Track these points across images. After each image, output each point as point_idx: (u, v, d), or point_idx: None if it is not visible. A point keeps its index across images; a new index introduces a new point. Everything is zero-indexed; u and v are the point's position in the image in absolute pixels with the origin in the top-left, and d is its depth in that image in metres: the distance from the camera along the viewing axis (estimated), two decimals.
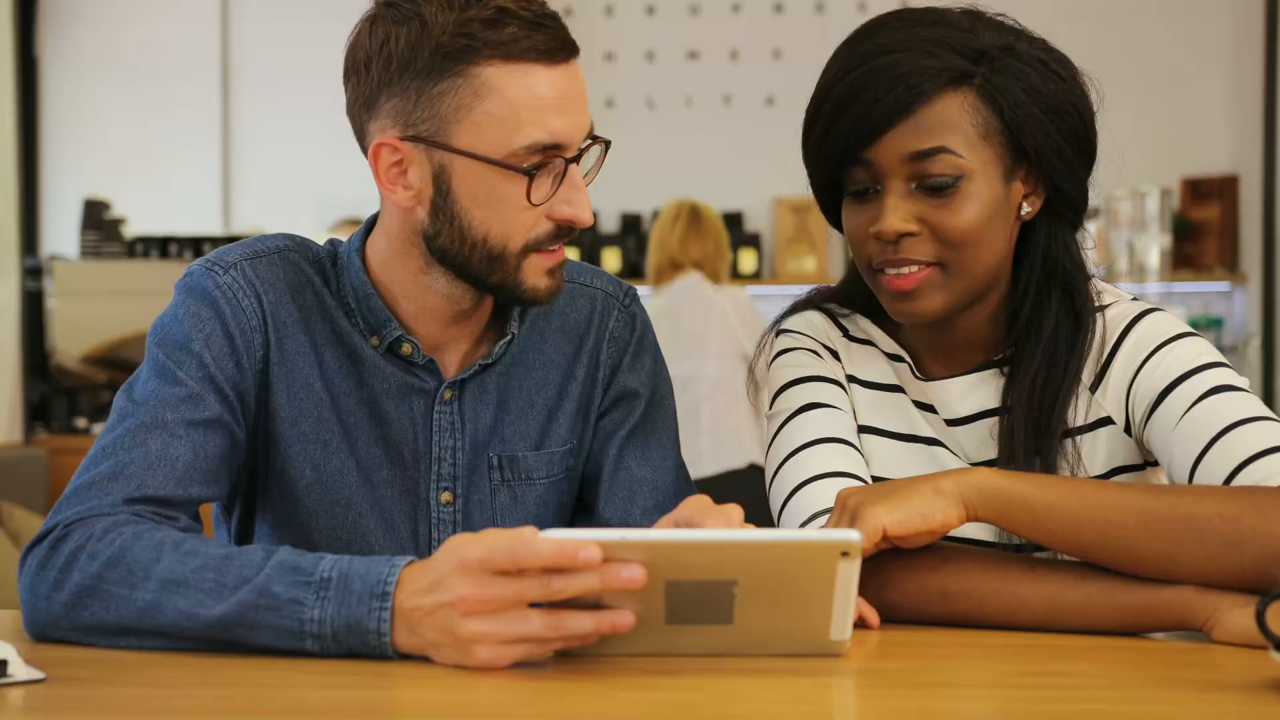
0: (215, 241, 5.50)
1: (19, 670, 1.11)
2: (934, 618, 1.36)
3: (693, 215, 4.64)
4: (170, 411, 1.39)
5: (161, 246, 5.58)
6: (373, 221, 1.53)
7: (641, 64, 6.68)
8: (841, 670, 1.17)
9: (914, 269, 1.43)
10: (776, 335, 1.62)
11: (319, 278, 1.51)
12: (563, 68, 1.39)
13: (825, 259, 6.58)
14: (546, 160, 1.39)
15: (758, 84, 6.60)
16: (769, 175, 6.52)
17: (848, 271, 1.60)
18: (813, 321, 1.61)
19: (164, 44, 6.74)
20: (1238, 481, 1.32)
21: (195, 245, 5.63)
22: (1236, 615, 1.26)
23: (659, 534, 1.13)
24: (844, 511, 1.32)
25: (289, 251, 1.51)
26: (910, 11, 1.46)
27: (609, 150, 1.45)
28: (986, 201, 1.42)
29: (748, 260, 6.45)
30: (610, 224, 6.68)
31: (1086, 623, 1.31)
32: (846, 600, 1.15)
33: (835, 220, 1.52)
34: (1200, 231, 6.49)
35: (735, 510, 1.24)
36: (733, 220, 6.42)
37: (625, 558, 1.11)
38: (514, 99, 1.36)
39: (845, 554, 1.12)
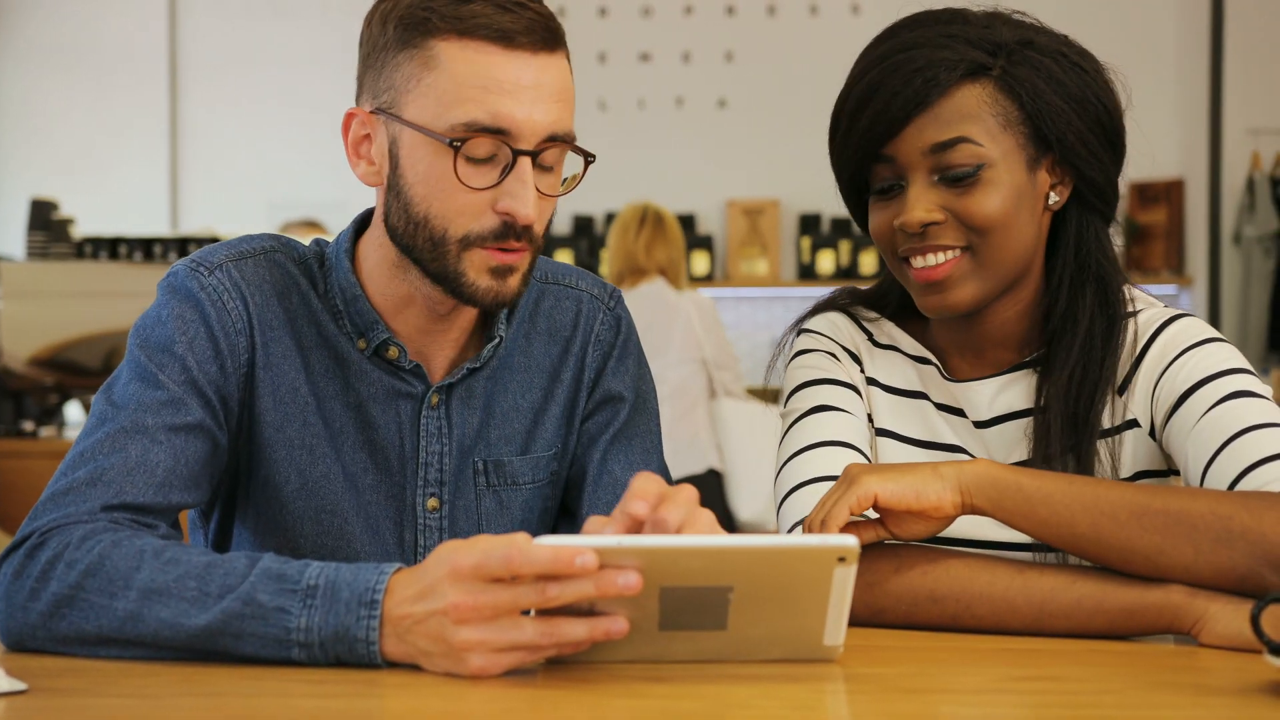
0: (165, 243, 5.44)
1: (0, 682, 1.09)
2: (923, 621, 1.36)
3: (657, 221, 4.64)
4: (151, 416, 1.36)
5: (110, 247, 5.50)
6: (360, 221, 1.51)
7: (594, 66, 6.67)
8: (835, 676, 1.17)
9: (943, 257, 1.45)
10: (798, 334, 1.62)
11: (305, 279, 1.49)
12: (526, 55, 1.35)
13: (777, 261, 6.59)
14: (492, 146, 1.36)
15: (710, 86, 6.60)
16: (721, 178, 6.54)
17: (887, 273, 1.59)
18: (835, 323, 1.61)
19: (111, 42, 6.68)
20: (1242, 485, 1.34)
21: (145, 246, 5.56)
22: (1225, 619, 1.27)
23: (655, 540, 1.12)
24: (844, 479, 1.33)
25: (275, 252, 1.49)
26: (929, 12, 1.48)
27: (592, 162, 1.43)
28: (1009, 189, 1.44)
29: (700, 263, 6.47)
30: (562, 226, 6.67)
31: (1075, 626, 1.32)
32: (841, 606, 1.15)
33: (862, 220, 1.54)
34: (1147, 235, 6.56)
35: (708, 515, 1.20)
36: (685, 223, 6.43)
37: (620, 564, 1.10)
38: (459, 74, 1.35)
39: (842, 560, 1.12)
